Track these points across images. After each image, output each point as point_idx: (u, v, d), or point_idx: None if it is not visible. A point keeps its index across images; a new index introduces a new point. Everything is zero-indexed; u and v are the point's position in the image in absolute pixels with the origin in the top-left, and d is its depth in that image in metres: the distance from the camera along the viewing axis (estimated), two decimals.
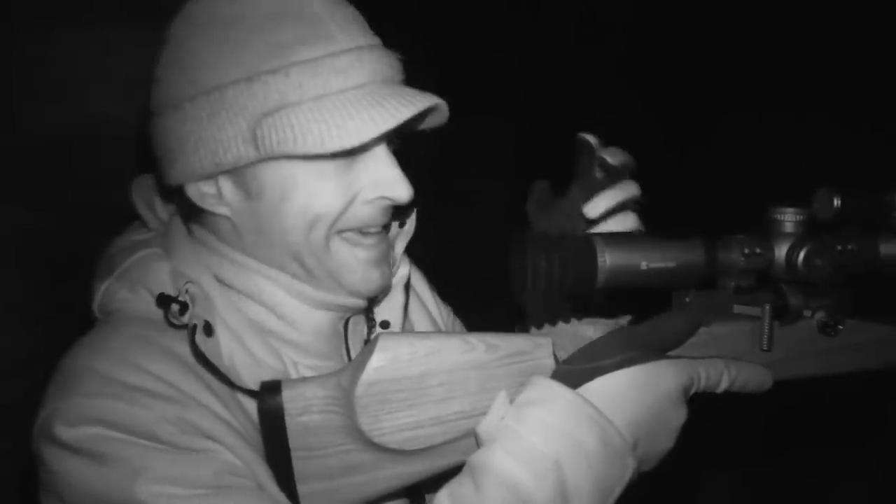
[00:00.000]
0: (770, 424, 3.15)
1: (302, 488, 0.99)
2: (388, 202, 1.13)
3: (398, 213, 1.26)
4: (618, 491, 0.95)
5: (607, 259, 1.01)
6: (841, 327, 1.14)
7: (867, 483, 3.33)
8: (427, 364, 0.99)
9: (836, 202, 1.11)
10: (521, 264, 1.00)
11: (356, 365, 1.00)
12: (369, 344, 1.02)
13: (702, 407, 1.08)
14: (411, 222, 1.31)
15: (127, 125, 2.28)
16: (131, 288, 1.13)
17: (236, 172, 1.09)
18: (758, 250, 1.09)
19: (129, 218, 1.28)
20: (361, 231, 1.14)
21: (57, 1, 2.30)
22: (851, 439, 3.34)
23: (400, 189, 1.11)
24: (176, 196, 1.16)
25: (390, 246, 1.24)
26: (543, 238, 1.00)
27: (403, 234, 1.30)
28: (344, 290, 1.15)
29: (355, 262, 1.14)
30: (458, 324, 1.55)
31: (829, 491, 3.36)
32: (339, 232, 1.12)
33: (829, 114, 3.58)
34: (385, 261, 1.20)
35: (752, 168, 3.59)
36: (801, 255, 1.09)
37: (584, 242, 1.01)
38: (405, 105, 1.05)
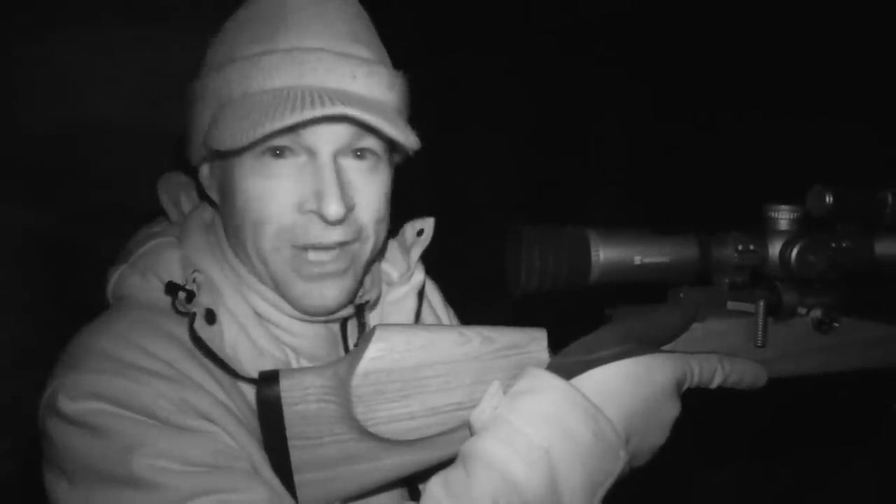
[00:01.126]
0: (764, 422, 3.15)
1: (298, 477, 1.00)
2: (319, 216, 1.09)
3: (417, 221, 1.30)
4: (608, 483, 0.95)
5: (601, 254, 1.01)
6: (836, 325, 1.15)
7: (864, 482, 3.33)
8: (422, 355, 1.00)
9: (829, 199, 1.11)
10: (516, 259, 1.01)
11: (353, 355, 1.01)
12: (366, 335, 1.02)
13: (696, 403, 1.08)
14: (429, 231, 1.31)
15: (127, 125, 2.30)
16: (142, 274, 1.15)
17: (215, 160, 1.14)
18: (752, 247, 1.09)
19: (128, 216, 1.31)
20: (314, 247, 1.11)
21: (57, 1, 2.31)
22: (848, 437, 3.33)
23: (326, 204, 1.06)
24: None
25: (352, 262, 1.16)
26: (538, 233, 1.01)
27: (420, 243, 1.30)
28: (290, 301, 1.14)
29: (295, 277, 1.11)
30: None
31: (825, 489, 3.36)
32: (295, 246, 1.10)
33: (824, 112, 3.58)
34: (340, 277, 1.14)
35: (748, 165, 3.59)
36: (795, 251, 1.09)
37: (578, 237, 1.01)
38: (298, 111, 1.01)
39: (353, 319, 1.24)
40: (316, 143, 1.07)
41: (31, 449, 1.09)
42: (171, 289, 1.11)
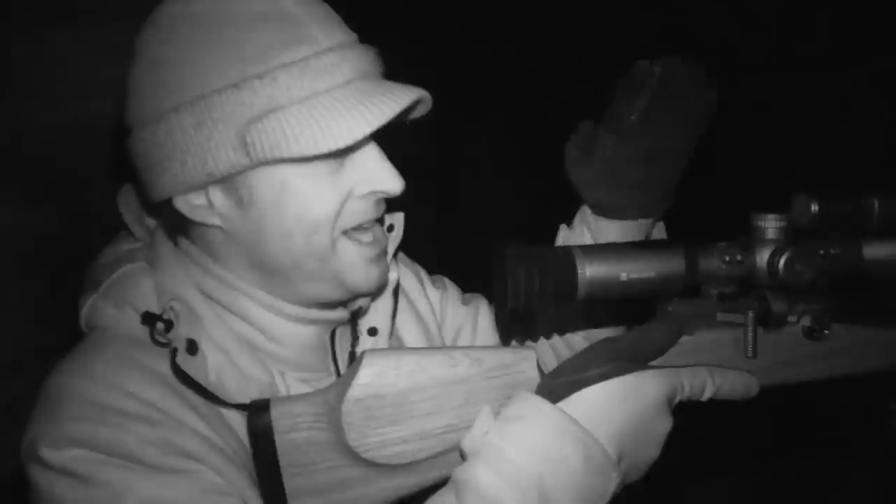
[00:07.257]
0: (760, 431, 3.13)
1: None
2: (380, 195, 1.15)
3: (386, 216, 1.28)
4: None
5: (587, 271, 1.01)
6: (827, 332, 1.14)
7: (861, 487, 3.32)
8: (412, 380, 1.01)
9: (814, 208, 1.11)
10: (502, 279, 1.01)
11: (342, 382, 1.02)
12: (355, 361, 1.04)
13: (691, 415, 1.08)
14: (399, 227, 1.32)
15: (127, 125, 2.30)
16: (116, 304, 1.14)
17: (227, 181, 1.08)
18: (739, 258, 1.09)
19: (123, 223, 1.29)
20: (359, 227, 1.14)
21: (57, 1, 2.30)
22: (843, 442, 3.33)
23: (392, 182, 1.13)
24: (163, 209, 1.15)
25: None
26: (523, 251, 1.01)
27: (392, 240, 1.31)
28: (345, 288, 1.15)
29: (361, 261, 1.15)
30: (452, 299, 1.50)
31: (821, 496, 3.35)
32: (345, 232, 1.13)
33: (814, 118, 3.57)
34: (384, 256, 1.21)
35: (735, 175, 3.57)
36: (783, 261, 1.09)
37: (563, 255, 1.02)
38: (393, 100, 1.06)
39: (341, 327, 1.25)
40: None
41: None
42: (148, 319, 1.10)
